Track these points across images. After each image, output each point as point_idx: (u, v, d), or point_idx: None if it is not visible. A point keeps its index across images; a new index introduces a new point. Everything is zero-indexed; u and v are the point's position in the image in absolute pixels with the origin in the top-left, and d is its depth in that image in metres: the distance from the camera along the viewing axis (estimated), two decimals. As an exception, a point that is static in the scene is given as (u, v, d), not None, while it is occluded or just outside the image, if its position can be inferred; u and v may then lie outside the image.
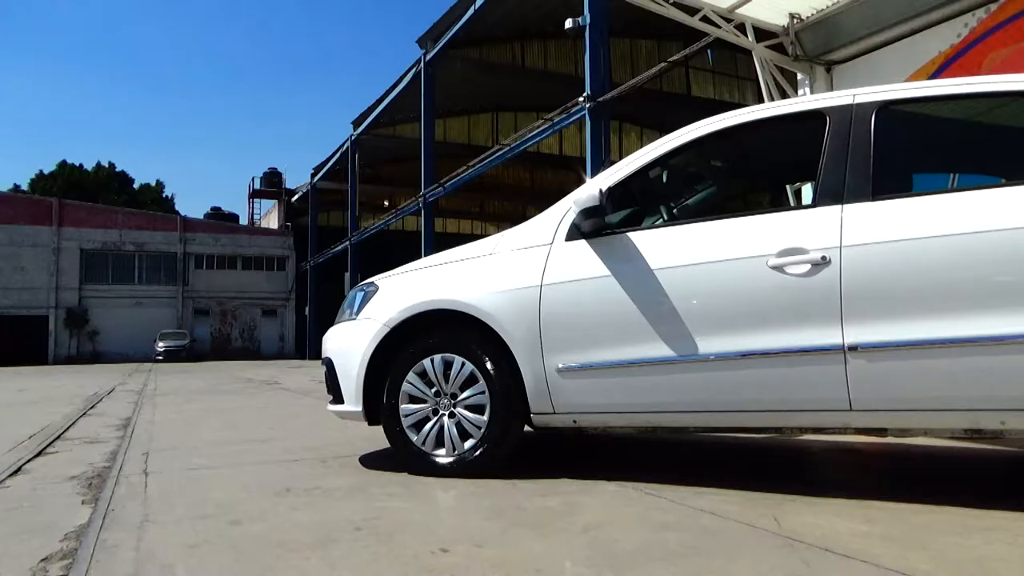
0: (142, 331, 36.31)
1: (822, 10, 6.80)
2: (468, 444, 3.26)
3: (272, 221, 44.85)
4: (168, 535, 2.45)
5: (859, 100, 3.02)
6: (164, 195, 57.87)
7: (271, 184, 43.61)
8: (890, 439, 3.45)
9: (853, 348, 2.70)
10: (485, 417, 3.24)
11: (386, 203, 33.83)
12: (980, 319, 2.56)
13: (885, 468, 3.78)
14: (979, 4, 5.79)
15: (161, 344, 33.86)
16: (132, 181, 55.72)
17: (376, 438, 3.95)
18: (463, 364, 3.30)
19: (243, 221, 47.26)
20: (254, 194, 45.42)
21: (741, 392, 2.90)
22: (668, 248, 3.08)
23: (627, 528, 2.42)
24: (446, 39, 20.81)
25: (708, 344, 2.92)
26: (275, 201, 44.53)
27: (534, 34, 26.10)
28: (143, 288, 38.77)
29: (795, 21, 6.98)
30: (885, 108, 2.98)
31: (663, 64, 13.36)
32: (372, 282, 3.70)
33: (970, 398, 2.60)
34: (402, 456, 3.41)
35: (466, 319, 3.30)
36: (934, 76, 6.00)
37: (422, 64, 22.11)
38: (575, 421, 3.20)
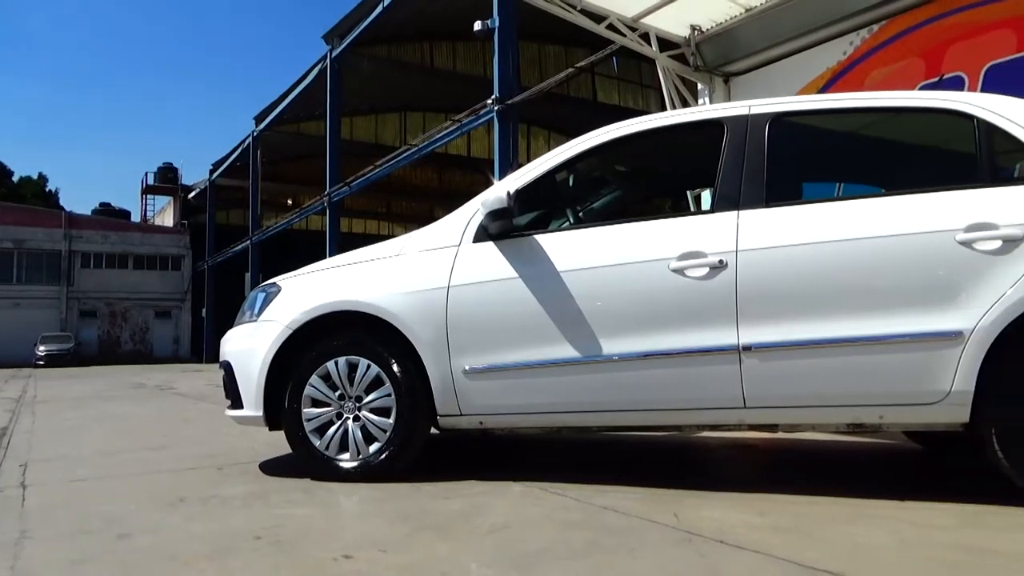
0: (20, 334, 33.86)
1: (721, 23, 7.08)
2: (373, 448, 3.21)
3: (167, 219, 42.86)
4: (48, 552, 2.29)
5: (754, 111, 3.16)
6: (47, 189, 54.37)
7: (166, 180, 41.67)
8: (781, 434, 3.62)
9: (747, 348, 2.82)
10: (391, 420, 3.19)
11: (290, 202, 32.93)
12: (861, 320, 2.73)
13: (776, 462, 3.97)
14: (863, 25, 6.17)
15: (42, 348, 31.68)
16: (11, 174, 52.08)
17: (277, 444, 3.83)
18: (369, 366, 3.24)
19: (136, 218, 44.95)
20: (147, 190, 43.29)
21: (643, 392, 2.98)
22: (574, 250, 3.13)
23: (533, 528, 2.44)
24: (353, 36, 20.46)
25: (612, 345, 2.98)
26: (170, 198, 42.57)
27: (443, 35, 26.03)
28: (21, 288, 36.23)
29: (696, 33, 7.24)
30: (778, 119, 3.13)
31: (570, 70, 13.60)
32: (274, 283, 3.59)
33: (852, 395, 2.77)
34: (304, 462, 3.32)
35: (372, 321, 3.25)
36: (822, 90, 6.36)
37: (328, 61, 21.65)
38: (482, 423, 3.20)
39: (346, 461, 3.24)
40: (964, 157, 3.02)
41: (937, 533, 2.33)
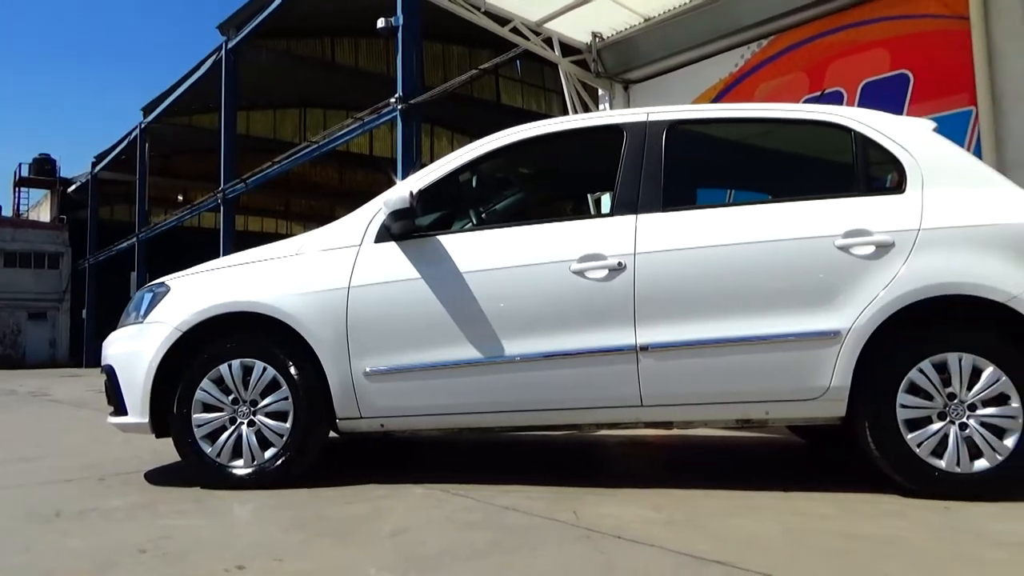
0: None
1: (621, 32, 7.26)
2: (269, 453, 3.10)
3: (44, 213, 40.01)
4: (-100, 575, 2.09)
5: (652, 118, 3.25)
6: (-96, 179, 49.72)
7: (42, 172, 38.86)
8: (675, 431, 3.74)
9: (644, 348, 2.91)
10: (288, 424, 3.10)
11: (180, 198, 31.43)
12: (749, 321, 2.87)
13: (671, 458, 4.10)
14: (752, 39, 6.47)
15: None
16: None
17: (164, 452, 3.64)
18: (264, 369, 3.13)
19: (7, 212, 41.77)
20: (20, 182, 40.26)
21: (545, 392, 3.02)
22: (477, 252, 3.13)
23: (434, 530, 2.42)
24: (250, 27, 19.75)
25: (514, 346, 3.01)
26: (47, 191, 39.77)
27: (345, 30, 25.52)
28: None
29: (597, 40, 7.40)
30: (675, 127, 3.24)
31: (474, 71, 13.62)
32: (163, 282, 3.41)
33: (741, 392, 2.90)
34: (194, 470, 3.17)
35: (268, 322, 3.15)
36: (716, 100, 6.63)
37: (223, 52, 20.81)
38: (383, 425, 3.16)
39: (240, 468, 3.11)
40: (843, 167, 3.22)
41: (818, 521, 2.47)
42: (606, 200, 4.93)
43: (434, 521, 2.54)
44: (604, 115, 4.10)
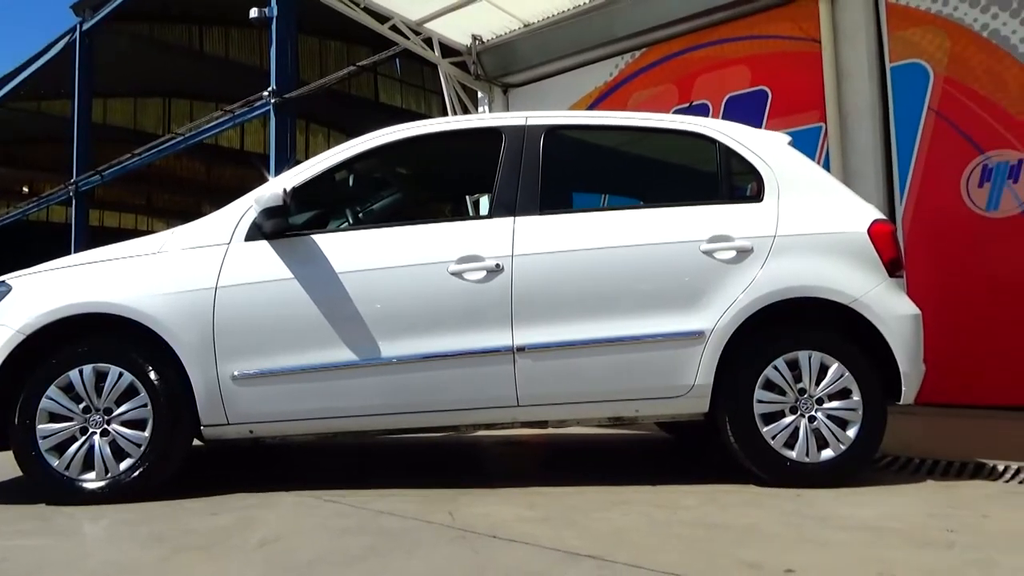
0: None
1: (501, 36, 7.34)
2: (125, 465, 2.90)
3: None
4: None
5: (531, 122, 3.31)
6: None
7: None
8: (550, 430, 3.83)
9: (521, 349, 2.95)
10: (147, 433, 2.91)
11: (26, 189, 28.89)
12: (621, 322, 2.98)
13: (547, 457, 4.18)
14: (626, 50, 6.72)
15: None
16: None
17: (3, 467, 3.33)
18: (121, 375, 2.93)
19: None
20: None
21: (422, 393, 3.00)
22: (353, 252, 3.07)
23: (306, 538, 2.35)
24: (108, 9, 18.45)
25: (391, 348, 2.97)
26: None
27: (215, 18, 24.31)
28: None
29: (477, 43, 7.44)
30: (552, 131, 3.31)
31: (352, 67, 13.33)
32: (3, 281, 3.12)
33: (612, 391, 3.00)
34: (39, 485, 2.91)
35: (126, 324, 2.95)
36: (591, 107, 6.83)
37: (78, 33, 19.32)
38: (252, 431, 3.03)
39: (91, 481, 2.89)
40: (708, 176, 3.39)
41: (682, 512, 2.59)
42: (484, 202, 4.97)
43: (306, 529, 2.46)
44: (483, 118, 4.13)
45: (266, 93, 12.88)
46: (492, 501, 2.80)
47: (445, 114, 7.78)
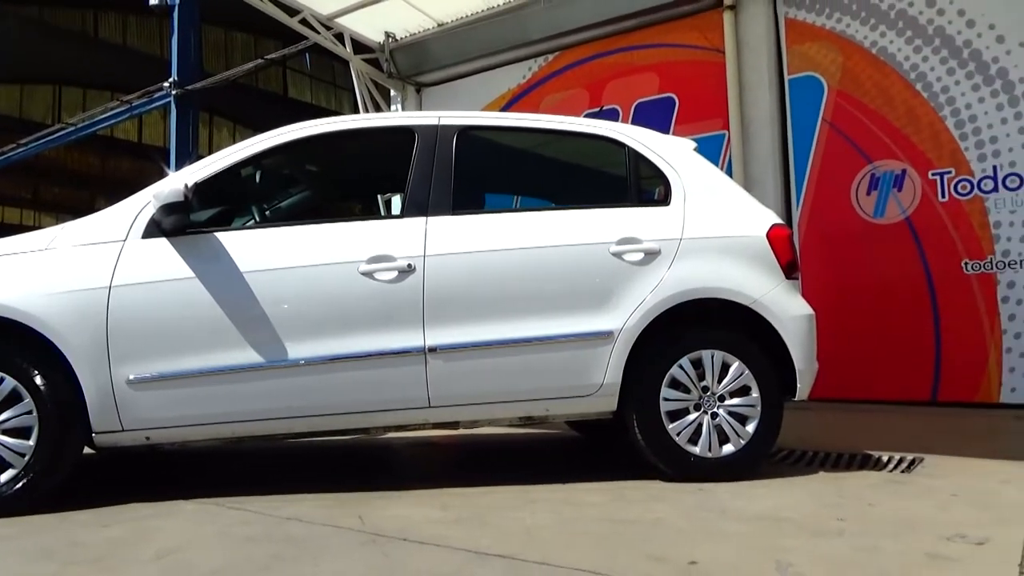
0: None
1: (414, 34, 7.29)
2: (6, 476, 2.71)
3: None
4: None
5: (444, 122, 3.29)
6: None
7: None
8: (462, 431, 3.82)
9: (433, 350, 2.93)
10: (31, 442, 2.72)
11: None
12: (533, 322, 3.01)
13: (458, 458, 4.18)
14: (539, 53, 6.80)
15: None
16: None
17: None
18: (2, 380, 2.74)
19: None
20: None
21: (332, 395, 2.94)
22: (259, 251, 2.97)
23: (207, 548, 2.26)
24: (-9, -12, 17.25)
25: (299, 349, 2.89)
26: None
27: (112, 4, 23.13)
28: None
29: (390, 40, 7.36)
30: (465, 132, 3.30)
31: (259, 61, 12.94)
32: None
33: (524, 390, 3.03)
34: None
35: (7, 326, 2.75)
36: (504, 108, 6.87)
37: (-44, 13, 17.97)
38: (148, 438, 2.89)
39: (-32, 494, 2.69)
40: (618, 179, 3.47)
41: (590, 509, 2.64)
42: (397, 201, 4.92)
43: (207, 538, 2.37)
44: (396, 116, 4.09)
45: (167, 84, 12.34)
46: (403, 503, 2.77)
47: (357, 111, 7.67)
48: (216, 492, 2.97)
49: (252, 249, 2.97)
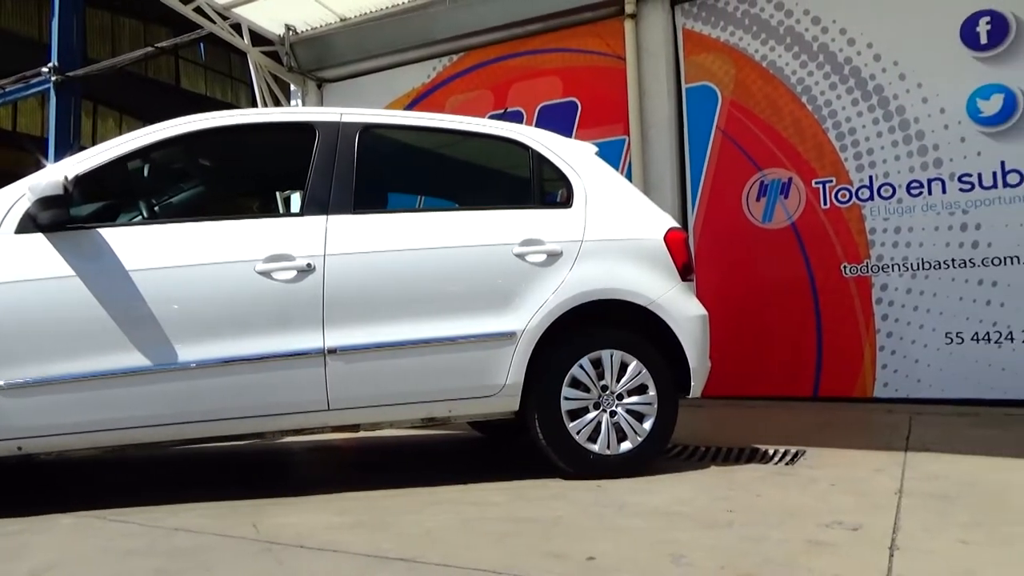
0: None
1: (316, 28, 7.12)
2: None
3: None
4: None
5: (346, 119, 3.23)
6: None
7: None
8: (363, 433, 3.76)
9: (333, 351, 2.87)
10: None
11: None
12: (436, 323, 2.99)
13: (358, 461, 4.10)
14: (444, 53, 6.78)
15: None
16: None
17: None
18: None
19: None
20: None
21: (224, 400, 2.82)
22: (147, 248, 2.83)
23: (85, 564, 2.13)
24: None
25: (189, 351, 2.77)
26: None
27: (-17, -20, 21.45)
28: None
29: (291, 33, 7.17)
30: (368, 130, 3.25)
31: (149, 48, 12.32)
32: None
33: (426, 391, 3.01)
34: None
35: None
36: (408, 107, 6.81)
37: None
38: (20, 448, 2.69)
39: None
40: (521, 181, 3.50)
41: (492, 509, 2.65)
42: (296, 199, 4.79)
43: (86, 554, 2.23)
44: (296, 111, 3.98)
45: (46, 69, 11.56)
46: (300, 509, 2.69)
47: (254, 105, 7.42)
48: (97, 504, 2.80)
49: (139, 246, 2.82)
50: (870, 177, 5.21)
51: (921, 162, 5.06)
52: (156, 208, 3.65)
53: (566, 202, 3.37)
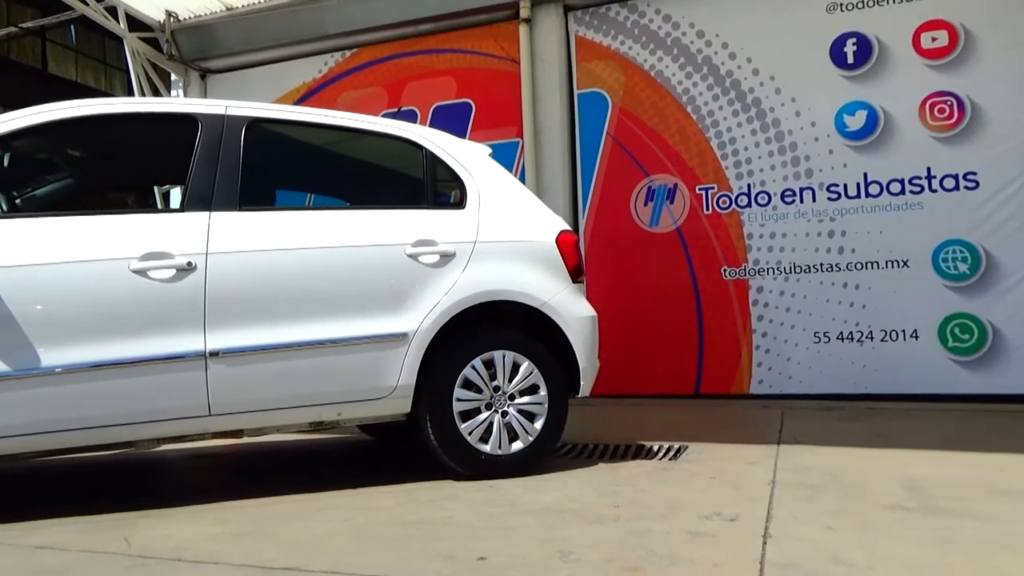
0: None
1: (200, 16, 6.81)
2: None
3: None
4: None
5: (231, 112, 3.10)
6: None
7: None
8: (246, 439, 3.62)
9: (215, 354, 2.75)
10: None
11: None
12: (325, 324, 2.92)
13: (241, 468, 3.95)
14: (336, 48, 6.63)
15: None
16: None
17: None
18: None
19: None
20: None
21: (94, 406, 2.64)
22: (6, 244, 2.61)
23: (-69, 587, 1.95)
24: None
25: (54, 355, 2.58)
26: None
27: None
28: None
29: (172, 20, 6.82)
30: (256, 124, 3.13)
31: (12, 28, 11.42)
32: None
33: (314, 395, 2.93)
34: None
35: None
36: (298, 103, 6.62)
37: None
38: None
39: None
40: (415, 181, 3.47)
41: (382, 513, 2.61)
42: (176, 194, 4.56)
43: (-68, 576, 2.04)
44: (177, 102, 3.78)
45: None
46: (177, 521, 2.56)
47: (131, 94, 7.01)
48: (-55, 522, 2.57)
49: (-3, 242, 2.60)
50: (748, 185, 5.49)
51: (794, 172, 5.38)
52: (17, 201, 3.39)
53: (460, 203, 3.37)
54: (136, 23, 6.73)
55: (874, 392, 5.07)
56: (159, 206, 4.23)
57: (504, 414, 3.15)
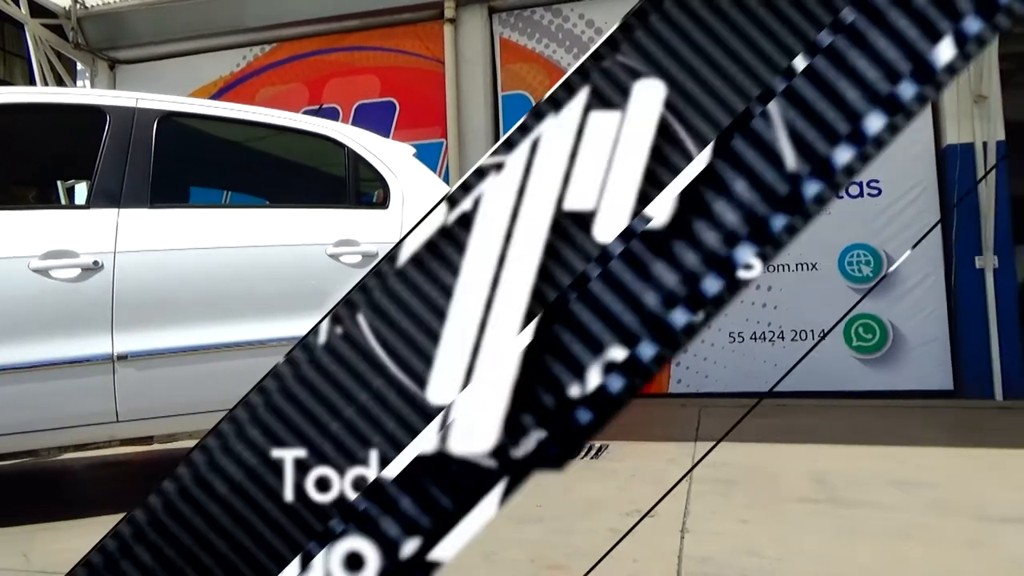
0: None
1: (108, 3, 6.51)
2: None
3: None
4: None
5: (142, 105, 2.97)
6: None
7: None
8: (156, 446, 3.48)
9: (123, 357, 2.63)
10: None
11: None
12: (240, 326, 2.83)
13: (150, 476, 3.79)
14: (255, 43, 6.46)
15: None
16: None
17: None
18: None
19: None
20: None
21: (-12, 413, 2.49)
22: None
23: None
24: None
25: (-57, 359, 2.42)
26: None
27: None
28: None
29: (78, 6, 6.49)
30: (168, 118, 3.01)
31: (-101, 9, 10.63)
32: None
33: (229, 399, 2.81)
34: None
35: None
36: (214, 97, 6.41)
37: None
38: None
39: None
40: (337, 180, 3.41)
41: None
42: (82, 190, 4.34)
43: None
44: (84, 93, 3.59)
45: None
46: (81, 533, 2.43)
47: (32, 83, 6.64)
48: None
49: None
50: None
51: (711, 177, 5.56)
52: (-98, 194, 3.16)
53: (383, 203, 3.33)
54: (39, 8, 6.38)
55: (786, 390, 5.28)
56: (63, 202, 4.02)
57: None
